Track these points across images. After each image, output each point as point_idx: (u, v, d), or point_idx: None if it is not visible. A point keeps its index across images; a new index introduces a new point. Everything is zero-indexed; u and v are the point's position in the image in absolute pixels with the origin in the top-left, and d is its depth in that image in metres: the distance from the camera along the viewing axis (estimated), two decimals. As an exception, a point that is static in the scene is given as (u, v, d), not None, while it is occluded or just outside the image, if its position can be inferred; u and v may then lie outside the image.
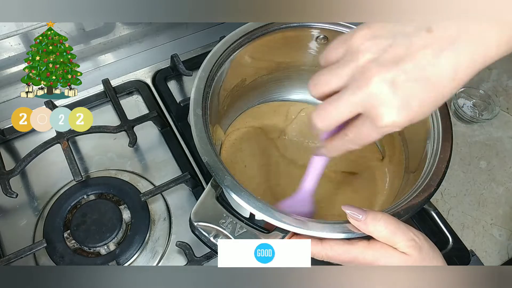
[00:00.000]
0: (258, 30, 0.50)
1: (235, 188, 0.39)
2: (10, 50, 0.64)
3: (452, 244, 0.54)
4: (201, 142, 0.41)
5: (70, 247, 0.53)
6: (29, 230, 0.55)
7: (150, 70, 0.69)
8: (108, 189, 0.57)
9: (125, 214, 0.55)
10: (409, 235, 0.36)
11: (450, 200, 0.62)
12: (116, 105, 0.62)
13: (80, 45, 0.69)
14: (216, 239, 0.39)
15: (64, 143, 0.57)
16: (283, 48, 0.54)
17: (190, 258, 0.52)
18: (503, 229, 0.61)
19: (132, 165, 0.61)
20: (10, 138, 0.61)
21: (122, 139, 0.60)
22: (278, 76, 0.59)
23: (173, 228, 0.56)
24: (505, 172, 0.65)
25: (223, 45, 0.49)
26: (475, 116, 0.69)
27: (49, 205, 0.56)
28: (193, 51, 0.71)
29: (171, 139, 0.63)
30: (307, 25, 0.51)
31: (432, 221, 0.55)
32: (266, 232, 0.40)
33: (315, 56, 0.56)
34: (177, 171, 0.60)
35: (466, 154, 0.67)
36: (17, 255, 0.50)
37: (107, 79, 0.64)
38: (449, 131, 0.45)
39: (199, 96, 0.45)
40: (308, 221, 0.37)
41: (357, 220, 0.36)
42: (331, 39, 0.53)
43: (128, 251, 0.53)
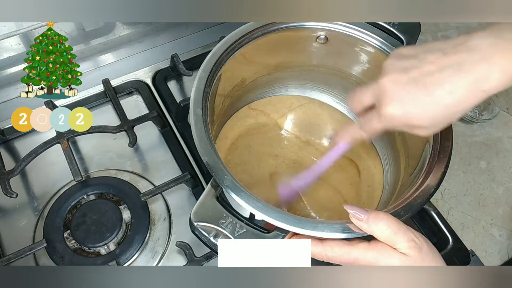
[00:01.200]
0: (258, 30, 0.50)
1: (235, 188, 0.39)
2: (10, 50, 0.64)
3: (452, 244, 0.54)
4: (201, 142, 0.41)
5: (70, 247, 0.53)
6: (29, 230, 0.55)
7: (150, 70, 0.69)
8: (108, 189, 0.57)
9: (125, 214, 0.55)
10: (410, 236, 0.36)
11: (450, 200, 0.62)
12: (116, 105, 0.62)
13: (80, 45, 0.69)
14: (216, 239, 0.39)
15: (64, 143, 0.57)
16: (283, 48, 0.54)
17: (190, 258, 0.52)
18: (503, 229, 0.61)
19: (132, 165, 0.61)
20: (10, 138, 0.61)
21: (122, 139, 0.60)
22: (278, 76, 0.59)
23: (173, 228, 0.56)
24: (505, 172, 0.65)
25: (223, 45, 0.49)
26: (475, 116, 0.69)
27: (49, 205, 0.56)
28: (193, 51, 0.71)
29: (171, 139, 0.63)
30: (307, 25, 0.51)
31: (432, 221, 0.55)
32: (266, 232, 0.40)
33: (315, 56, 0.56)
34: (177, 171, 0.60)
35: (466, 154, 0.67)
36: (17, 255, 0.50)
37: (107, 79, 0.64)
38: (449, 131, 0.45)
39: (199, 96, 0.45)
40: (308, 221, 0.37)
41: (359, 219, 0.36)
42: (331, 39, 0.53)
43: (128, 251, 0.53)
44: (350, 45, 0.52)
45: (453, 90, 0.34)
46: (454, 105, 0.34)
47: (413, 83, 0.35)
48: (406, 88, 0.35)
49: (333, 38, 0.52)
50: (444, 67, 0.34)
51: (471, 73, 0.33)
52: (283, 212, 0.38)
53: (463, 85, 0.33)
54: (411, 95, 0.35)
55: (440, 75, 0.34)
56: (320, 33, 0.52)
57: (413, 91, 0.35)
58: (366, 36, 0.51)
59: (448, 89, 0.34)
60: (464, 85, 0.33)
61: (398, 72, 0.36)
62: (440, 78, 0.34)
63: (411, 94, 0.35)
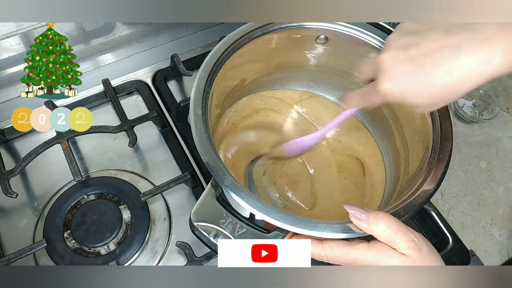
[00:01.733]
0: (258, 30, 0.50)
1: (235, 188, 0.39)
2: (10, 50, 0.64)
3: (452, 244, 0.54)
4: (201, 142, 0.41)
5: (70, 247, 0.53)
6: (29, 230, 0.55)
7: (150, 70, 0.69)
8: (108, 189, 0.57)
9: (125, 214, 0.55)
10: (410, 236, 0.36)
11: (450, 200, 0.62)
12: (116, 105, 0.62)
13: (80, 45, 0.69)
14: (216, 239, 0.39)
15: (64, 143, 0.57)
16: (283, 48, 0.54)
17: (190, 258, 0.52)
18: (503, 229, 0.61)
19: (132, 165, 0.61)
20: (10, 138, 0.61)
21: (122, 139, 0.60)
22: (278, 76, 0.59)
23: (173, 228, 0.56)
24: (505, 172, 0.65)
25: (223, 45, 0.49)
26: (475, 116, 0.69)
27: (49, 205, 0.56)
28: (193, 51, 0.71)
29: (171, 139, 0.63)
30: (307, 25, 0.51)
31: (432, 221, 0.56)
32: (266, 232, 0.40)
33: (315, 56, 0.56)
34: (177, 171, 0.60)
35: (466, 154, 0.67)
36: (17, 255, 0.50)
37: (107, 79, 0.64)
38: (449, 131, 0.45)
39: (199, 96, 0.45)
40: (308, 221, 0.37)
41: (359, 219, 0.36)
42: (331, 39, 0.53)
43: (128, 251, 0.53)
44: (350, 45, 0.52)
45: (451, 71, 0.33)
46: (452, 86, 0.33)
47: (411, 62, 0.34)
48: (404, 66, 0.35)
49: (333, 38, 0.52)
50: (445, 46, 0.33)
51: (472, 54, 0.32)
52: (283, 212, 0.38)
53: (462, 66, 0.32)
54: (408, 73, 0.35)
55: (439, 54, 0.33)
56: (320, 33, 0.52)
57: (410, 70, 0.35)
58: (366, 36, 0.51)
59: (446, 69, 0.33)
60: (463, 65, 0.32)
61: (398, 49, 0.36)
62: (440, 57, 0.33)
63: (408, 73, 0.35)
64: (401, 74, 0.35)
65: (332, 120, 0.48)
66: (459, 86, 0.33)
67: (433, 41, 0.34)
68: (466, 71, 0.32)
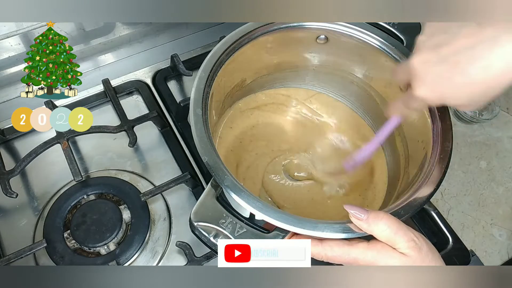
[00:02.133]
0: (258, 30, 0.50)
1: (235, 188, 0.39)
2: (10, 50, 0.64)
3: (452, 244, 0.54)
4: (201, 142, 0.41)
5: (70, 247, 0.53)
6: (29, 230, 0.55)
7: (150, 70, 0.69)
8: (108, 189, 0.57)
9: (125, 214, 0.55)
10: (410, 236, 0.36)
11: (450, 200, 0.62)
12: (116, 105, 0.62)
13: (80, 45, 0.69)
14: (216, 239, 0.39)
15: (64, 143, 0.57)
16: (283, 48, 0.54)
17: (190, 258, 0.52)
18: (503, 229, 0.61)
19: (132, 165, 0.61)
20: (10, 138, 0.61)
21: (122, 139, 0.60)
22: (278, 76, 0.59)
23: (173, 228, 0.56)
24: (505, 172, 0.65)
25: (223, 45, 0.49)
26: (475, 116, 0.69)
27: (49, 205, 0.56)
28: (193, 51, 0.71)
29: (171, 139, 0.63)
30: (307, 25, 0.51)
31: (432, 221, 0.55)
32: (266, 232, 0.40)
33: (315, 56, 0.56)
34: (177, 171, 0.60)
35: (466, 154, 0.67)
36: (17, 255, 0.50)
37: (107, 79, 0.64)
38: (449, 131, 0.45)
39: (199, 96, 0.45)
40: (308, 221, 0.37)
41: (359, 219, 0.36)
42: (331, 39, 0.53)
43: (128, 251, 0.53)
44: (350, 45, 0.52)
45: (487, 66, 0.31)
46: (491, 82, 0.32)
47: (445, 62, 0.33)
48: (437, 69, 0.34)
49: (333, 38, 0.52)
50: (478, 42, 0.31)
51: (508, 45, 0.30)
52: (283, 212, 0.38)
53: (498, 59, 0.31)
54: (443, 76, 0.33)
55: (473, 51, 0.32)
56: (320, 33, 0.52)
57: (444, 71, 0.33)
58: (366, 36, 0.51)
59: (482, 65, 0.31)
60: (499, 59, 0.31)
61: (429, 50, 0.34)
62: (473, 54, 0.32)
63: (442, 75, 0.33)
64: (435, 78, 0.34)
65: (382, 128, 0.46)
66: (499, 80, 0.32)
67: (465, 36, 0.32)
68: (503, 63, 0.31)
